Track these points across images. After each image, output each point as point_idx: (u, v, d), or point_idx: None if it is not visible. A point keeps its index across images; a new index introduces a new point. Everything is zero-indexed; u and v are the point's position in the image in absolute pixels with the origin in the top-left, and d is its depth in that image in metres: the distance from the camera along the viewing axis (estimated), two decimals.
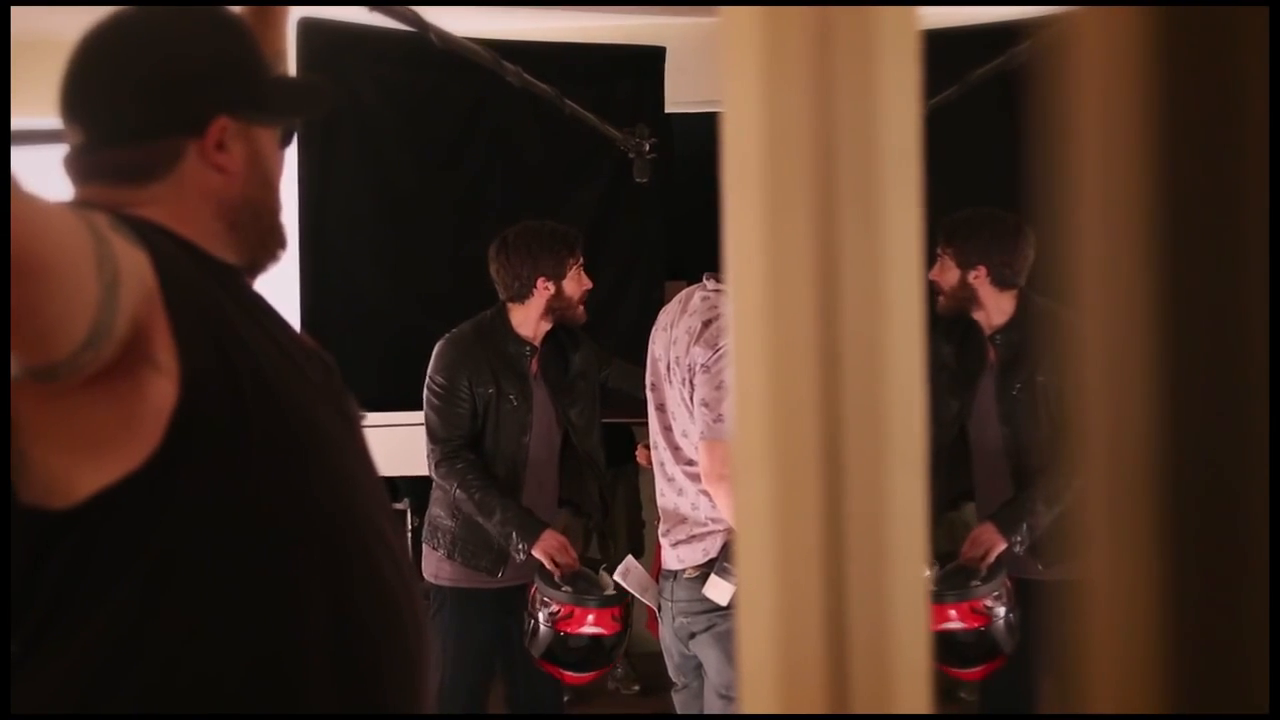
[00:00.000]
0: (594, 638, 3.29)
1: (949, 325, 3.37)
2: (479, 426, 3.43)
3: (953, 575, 3.13)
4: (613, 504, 5.02)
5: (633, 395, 3.73)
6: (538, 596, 3.34)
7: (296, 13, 3.88)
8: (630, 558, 3.28)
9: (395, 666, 1.34)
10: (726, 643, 2.78)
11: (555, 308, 3.45)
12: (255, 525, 1.26)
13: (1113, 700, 0.42)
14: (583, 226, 4.16)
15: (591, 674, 3.43)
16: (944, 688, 4.44)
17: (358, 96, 4.02)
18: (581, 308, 3.49)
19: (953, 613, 3.08)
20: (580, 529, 5.15)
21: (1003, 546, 3.13)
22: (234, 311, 1.30)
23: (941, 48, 4.06)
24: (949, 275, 3.30)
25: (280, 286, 4.28)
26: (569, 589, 3.29)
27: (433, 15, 3.75)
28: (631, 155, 3.98)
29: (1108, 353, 0.42)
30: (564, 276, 3.43)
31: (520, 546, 3.34)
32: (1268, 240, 0.39)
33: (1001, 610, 3.09)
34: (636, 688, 5.19)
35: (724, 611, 2.77)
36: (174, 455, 1.19)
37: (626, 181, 4.18)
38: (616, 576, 3.19)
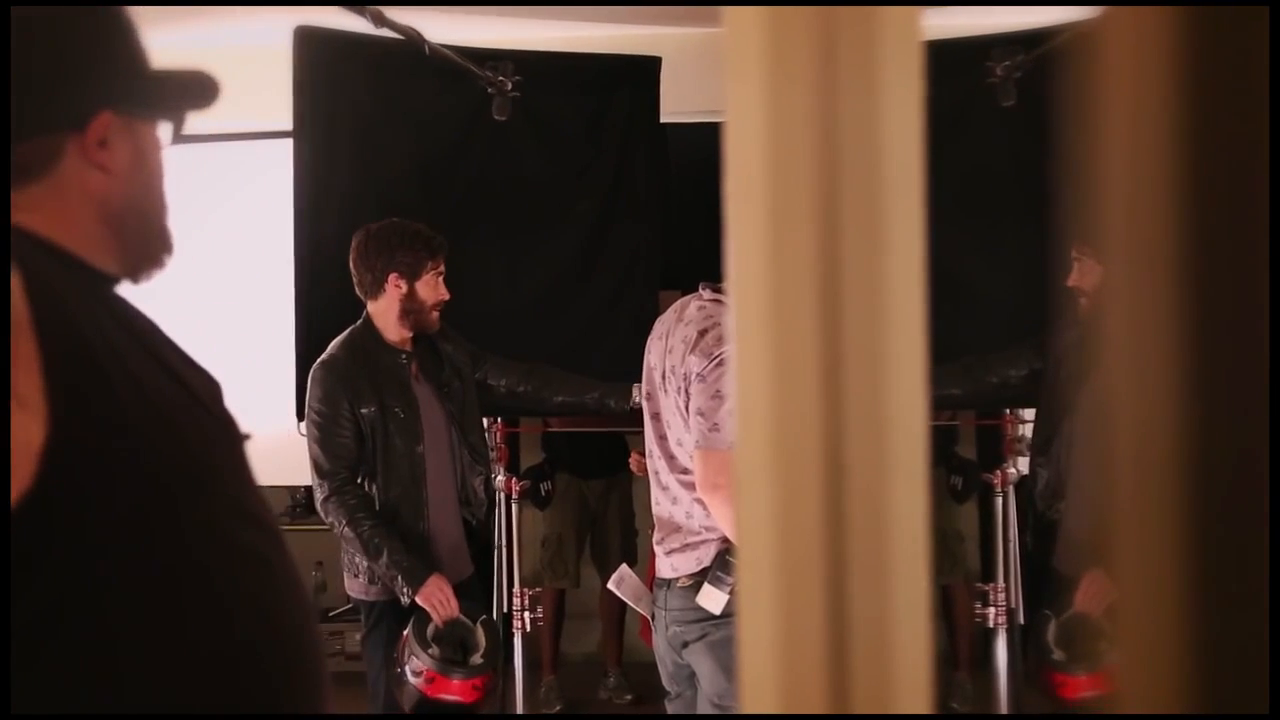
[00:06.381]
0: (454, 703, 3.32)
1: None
2: (369, 449, 3.39)
3: (1075, 634, 3.06)
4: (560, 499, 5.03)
5: (513, 390, 3.74)
6: (406, 649, 3.32)
7: (294, 20, 3.88)
8: (624, 566, 3.28)
9: (285, 684, 1.31)
10: (720, 651, 2.77)
11: (409, 310, 3.43)
12: (139, 554, 1.21)
13: (1138, 699, 0.42)
14: (579, 235, 4.17)
15: None
16: (936, 697, 4.45)
17: (355, 104, 4.01)
18: (435, 315, 3.47)
19: (1084, 680, 3.02)
20: (573, 537, 5.16)
21: None
22: (113, 330, 1.24)
23: (956, 56, 4.07)
24: (1093, 276, 3.26)
25: (274, 295, 4.28)
26: (435, 652, 3.29)
27: (425, 21, 3.76)
28: (491, 91, 3.97)
29: (1134, 353, 0.42)
30: (418, 278, 3.42)
31: (405, 590, 3.32)
32: None
33: None
34: (629, 697, 5.18)
35: (717, 620, 2.77)
36: (49, 491, 1.13)
37: (623, 191, 4.19)
38: (610, 585, 3.19)
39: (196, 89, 1.38)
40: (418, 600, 3.31)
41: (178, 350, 1.36)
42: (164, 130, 1.38)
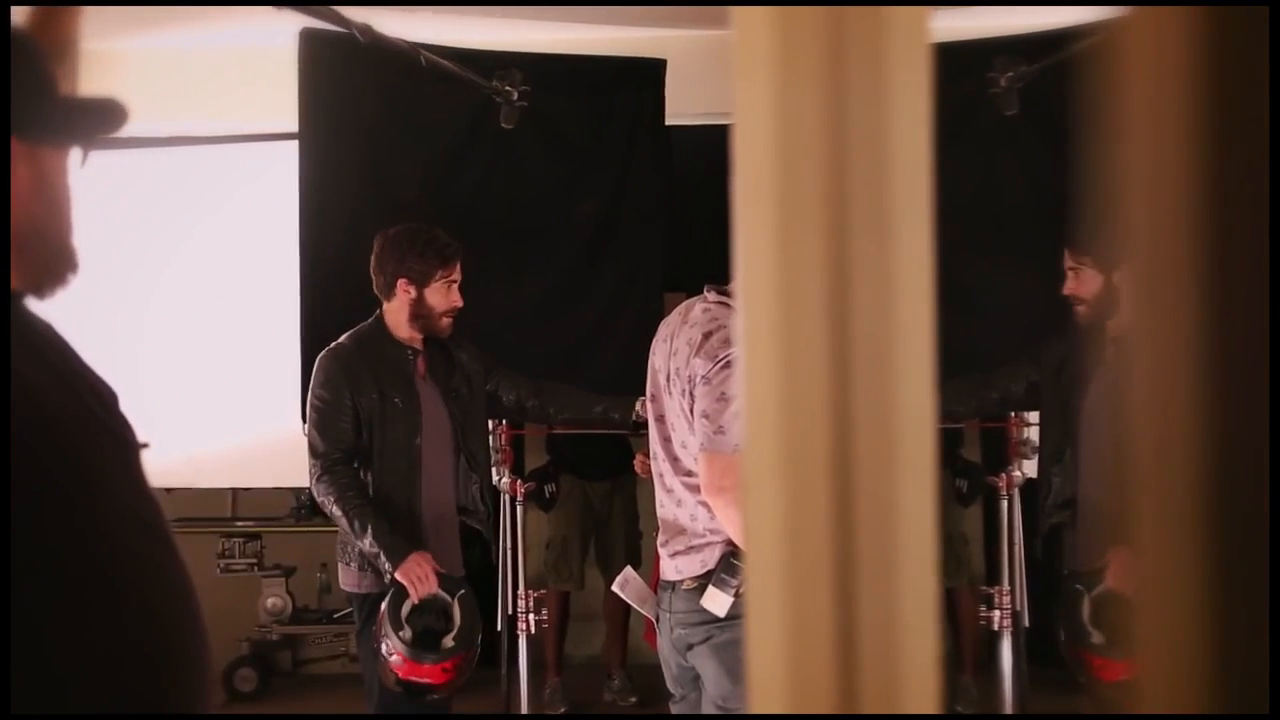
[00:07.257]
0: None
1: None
2: (365, 438, 3.42)
3: (1109, 613, 3.06)
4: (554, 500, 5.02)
5: (520, 404, 3.75)
6: (381, 628, 3.35)
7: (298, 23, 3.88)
8: (629, 568, 3.28)
9: (171, 682, 1.36)
10: (724, 654, 2.77)
11: (419, 315, 3.47)
12: (25, 557, 1.24)
13: (1158, 699, 0.42)
14: (584, 238, 4.17)
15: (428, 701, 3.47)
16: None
17: (359, 107, 4.01)
18: (446, 321, 3.51)
19: (1124, 665, 3.02)
20: (578, 539, 5.16)
21: None
22: (14, 349, 1.28)
23: (959, 60, 4.07)
24: (1090, 284, 3.28)
25: (277, 298, 4.28)
26: (406, 635, 3.30)
27: (428, 22, 3.76)
28: (499, 100, 3.98)
29: (1154, 353, 0.42)
30: (427, 285, 3.45)
31: (387, 567, 3.34)
32: None
33: None
34: (634, 699, 5.17)
35: (722, 623, 2.77)
36: None
37: (628, 193, 4.18)
38: (615, 587, 3.19)
39: (104, 116, 1.42)
40: (397, 576, 3.33)
41: (75, 360, 1.40)
42: (73, 154, 1.41)
